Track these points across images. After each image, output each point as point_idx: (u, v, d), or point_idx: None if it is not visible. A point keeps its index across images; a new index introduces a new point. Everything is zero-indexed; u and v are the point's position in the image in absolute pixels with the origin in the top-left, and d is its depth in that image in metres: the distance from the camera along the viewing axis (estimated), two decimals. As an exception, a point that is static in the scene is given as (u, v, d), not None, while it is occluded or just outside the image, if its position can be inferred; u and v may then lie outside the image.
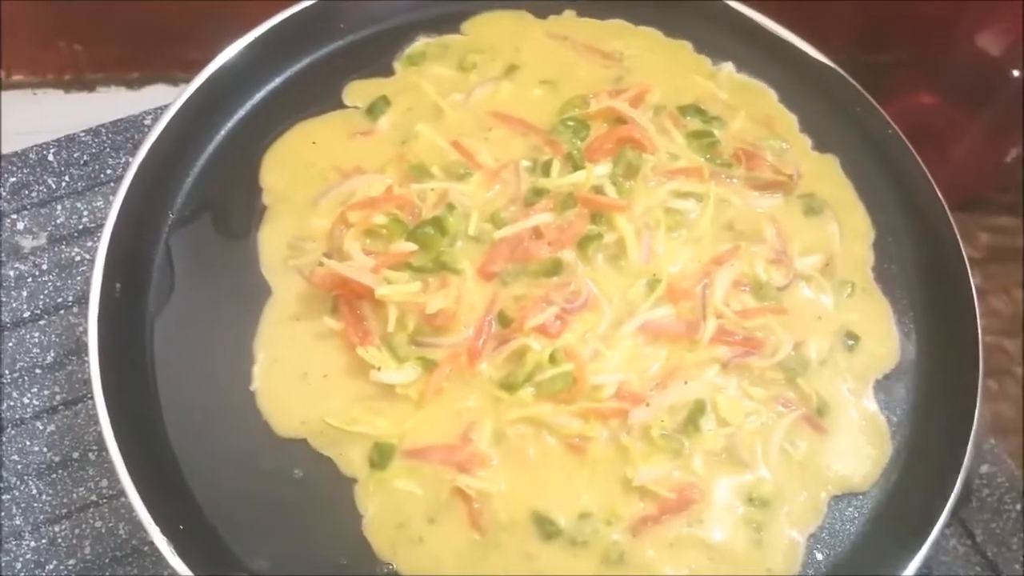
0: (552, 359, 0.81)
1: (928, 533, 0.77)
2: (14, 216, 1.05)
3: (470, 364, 0.82)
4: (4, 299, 1.00)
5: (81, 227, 1.05)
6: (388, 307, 0.84)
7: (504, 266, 0.86)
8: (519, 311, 0.84)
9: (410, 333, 0.83)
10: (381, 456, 0.80)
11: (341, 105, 0.99)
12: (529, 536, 0.77)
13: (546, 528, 0.77)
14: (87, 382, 0.96)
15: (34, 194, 1.07)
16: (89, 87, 1.58)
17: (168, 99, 0.94)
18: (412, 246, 0.85)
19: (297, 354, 0.84)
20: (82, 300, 1.01)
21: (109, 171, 1.09)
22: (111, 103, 1.54)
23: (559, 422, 0.80)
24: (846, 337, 0.88)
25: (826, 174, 0.98)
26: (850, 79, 1.00)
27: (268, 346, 0.85)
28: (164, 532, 0.73)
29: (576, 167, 0.91)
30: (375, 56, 1.02)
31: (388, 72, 1.02)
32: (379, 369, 0.82)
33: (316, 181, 0.94)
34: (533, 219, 0.87)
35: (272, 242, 0.91)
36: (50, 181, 1.07)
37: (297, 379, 0.83)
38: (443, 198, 0.89)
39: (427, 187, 0.90)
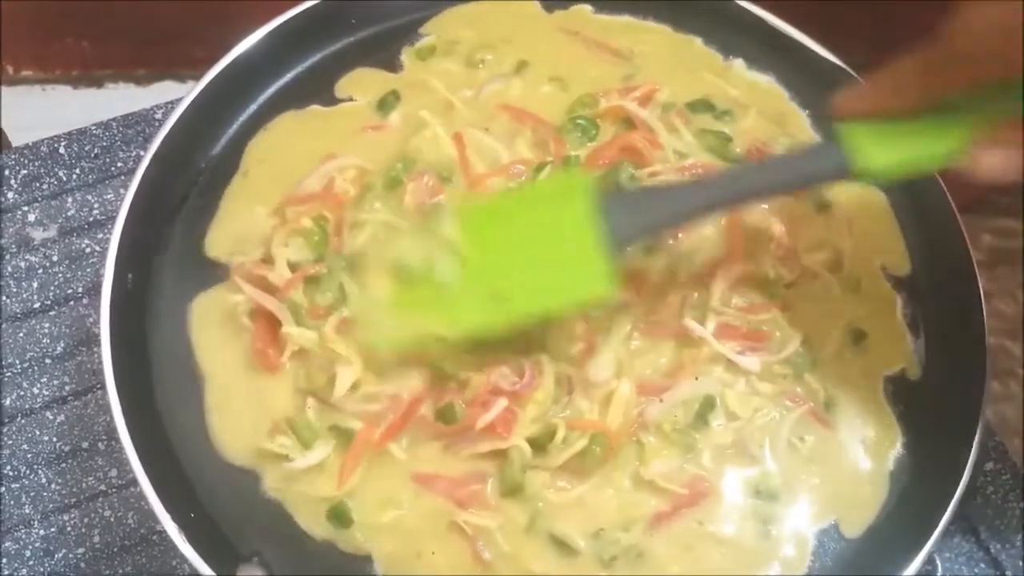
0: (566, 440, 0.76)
1: (933, 529, 0.77)
2: (25, 208, 1.05)
3: (379, 443, 0.73)
4: (15, 290, 1.00)
5: (92, 219, 1.05)
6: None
7: None
8: (466, 406, 0.75)
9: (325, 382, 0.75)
10: (340, 519, 0.76)
11: (350, 98, 0.99)
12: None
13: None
14: (96, 373, 0.97)
15: (45, 186, 1.07)
16: (97, 83, 1.59)
17: (175, 96, 0.94)
18: (320, 268, 0.78)
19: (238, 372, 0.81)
20: (92, 291, 1.01)
21: (120, 164, 1.09)
22: (119, 100, 1.55)
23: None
24: (854, 334, 0.88)
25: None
26: (860, 79, 1.00)
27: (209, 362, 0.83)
28: (175, 520, 0.73)
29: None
30: (385, 50, 1.02)
31: (397, 67, 1.02)
32: (291, 460, 0.75)
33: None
34: None
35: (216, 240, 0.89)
36: (61, 174, 1.08)
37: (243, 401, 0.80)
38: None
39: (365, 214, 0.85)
